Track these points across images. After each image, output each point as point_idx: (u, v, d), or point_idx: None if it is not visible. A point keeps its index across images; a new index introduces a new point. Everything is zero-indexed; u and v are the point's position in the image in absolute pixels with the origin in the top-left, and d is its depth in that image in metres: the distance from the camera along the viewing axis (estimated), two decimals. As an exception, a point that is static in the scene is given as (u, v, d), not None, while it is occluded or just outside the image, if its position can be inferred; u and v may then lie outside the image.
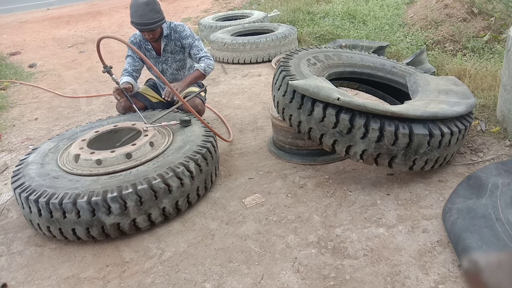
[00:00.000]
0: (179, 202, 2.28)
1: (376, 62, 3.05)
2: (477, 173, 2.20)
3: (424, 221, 2.07)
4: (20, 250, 2.22)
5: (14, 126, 4.01)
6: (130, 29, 8.53)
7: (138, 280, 1.91)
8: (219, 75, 5.04)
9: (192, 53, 3.17)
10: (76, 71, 5.91)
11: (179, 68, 3.30)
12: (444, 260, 1.81)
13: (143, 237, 2.20)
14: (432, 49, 4.60)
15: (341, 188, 2.43)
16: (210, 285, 1.83)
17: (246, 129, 3.43)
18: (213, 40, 5.52)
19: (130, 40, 3.10)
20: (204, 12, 9.22)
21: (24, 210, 2.23)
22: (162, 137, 2.61)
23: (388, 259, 1.85)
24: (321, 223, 2.15)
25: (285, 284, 1.79)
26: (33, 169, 2.36)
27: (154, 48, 3.18)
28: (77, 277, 1.97)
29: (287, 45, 5.38)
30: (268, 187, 2.53)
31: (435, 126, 2.20)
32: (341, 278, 1.79)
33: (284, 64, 2.64)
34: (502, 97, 2.81)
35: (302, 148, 2.79)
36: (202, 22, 6.79)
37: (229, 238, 2.12)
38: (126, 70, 3.16)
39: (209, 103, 4.07)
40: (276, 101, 2.59)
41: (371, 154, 2.22)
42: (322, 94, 2.18)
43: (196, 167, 2.33)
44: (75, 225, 2.10)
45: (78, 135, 2.75)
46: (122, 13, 10.27)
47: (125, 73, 3.14)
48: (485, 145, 2.69)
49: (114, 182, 2.14)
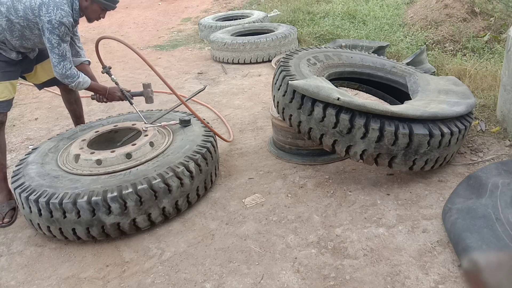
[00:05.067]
0: (179, 202, 2.28)
1: (376, 62, 3.05)
2: (477, 173, 2.20)
3: (424, 221, 2.07)
4: (20, 250, 2.22)
5: (14, 126, 4.01)
6: (130, 29, 8.55)
7: (138, 280, 1.91)
8: (219, 75, 5.04)
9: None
10: (76, 71, 5.90)
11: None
12: (444, 260, 1.81)
13: (143, 237, 2.20)
14: (432, 49, 4.60)
15: (341, 188, 2.43)
16: (210, 285, 1.83)
17: (246, 129, 3.43)
18: (213, 40, 5.52)
19: (67, 20, 2.40)
20: (204, 12, 9.22)
21: (24, 210, 2.23)
22: (162, 137, 2.61)
23: (388, 259, 1.85)
24: (321, 223, 2.15)
25: (285, 284, 1.79)
26: (33, 169, 2.36)
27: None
28: (77, 277, 1.97)
29: (287, 45, 5.39)
30: (268, 187, 2.53)
31: (435, 126, 2.20)
32: (341, 278, 1.79)
33: (284, 64, 2.64)
34: (502, 97, 2.81)
35: (302, 148, 2.79)
36: (202, 22, 6.79)
37: (229, 238, 2.12)
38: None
39: (209, 103, 4.07)
40: (276, 101, 2.59)
41: (371, 154, 2.22)
42: (322, 94, 2.18)
43: (196, 167, 2.33)
44: (75, 225, 2.10)
45: (78, 135, 2.76)
46: (122, 13, 10.26)
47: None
48: (485, 145, 2.69)
49: (114, 182, 2.14)
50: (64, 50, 2.46)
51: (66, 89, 3.05)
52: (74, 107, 3.18)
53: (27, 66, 2.73)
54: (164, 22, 8.93)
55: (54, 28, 2.35)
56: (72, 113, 3.22)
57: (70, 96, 3.10)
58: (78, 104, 3.18)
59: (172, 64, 5.75)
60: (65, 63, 2.48)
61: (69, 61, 2.52)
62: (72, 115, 3.23)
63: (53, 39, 2.38)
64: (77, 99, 3.16)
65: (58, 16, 2.34)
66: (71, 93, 3.09)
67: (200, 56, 6.05)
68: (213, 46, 5.58)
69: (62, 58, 2.47)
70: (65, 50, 2.46)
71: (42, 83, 2.90)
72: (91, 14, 2.58)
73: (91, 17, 2.61)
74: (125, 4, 11.27)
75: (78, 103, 3.17)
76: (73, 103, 3.15)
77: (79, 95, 3.17)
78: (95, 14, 2.59)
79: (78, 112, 3.21)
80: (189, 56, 6.11)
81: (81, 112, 3.24)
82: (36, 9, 2.36)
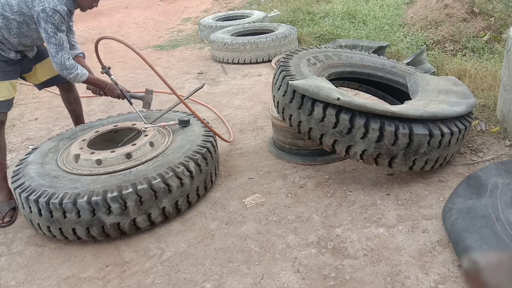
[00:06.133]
0: (179, 202, 2.28)
1: (376, 62, 3.05)
2: (477, 173, 2.20)
3: (424, 221, 2.07)
4: (20, 250, 2.22)
5: (14, 126, 4.01)
6: (130, 29, 8.54)
7: (138, 280, 1.91)
8: (219, 75, 5.04)
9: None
10: (76, 71, 5.90)
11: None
12: (444, 260, 1.81)
13: (143, 237, 2.20)
14: (432, 49, 4.60)
15: (341, 188, 2.43)
16: (210, 285, 1.83)
17: (246, 129, 3.43)
18: (213, 40, 5.52)
19: (61, 8, 2.40)
20: (204, 12, 9.22)
21: (24, 210, 2.23)
22: (162, 137, 2.61)
23: (388, 259, 1.85)
24: (321, 223, 2.15)
25: (285, 284, 1.79)
26: (33, 169, 2.36)
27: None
28: (77, 277, 1.97)
29: (287, 45, 5.38)
30: (268, 187, 2.53)
31: (435, 126, 2.20)
32: (341, 278, 1.79)
33: (284, 64, 2.64)
34: (502, 97, 2.81)
35: (302, 148, 2.79)
36: (202, 22, 6.79)
37: (229, 238, 2.12)
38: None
39: (209, 103, 4.07)
40: (276, 101, 2.59)
41: (371, 154, 2.22)
42: (322, 94, 2.18)
43: (196, 167, 2.33)
44: (75, 225, 2.10)
45: (78, 135, 2.76)
46: (122, 13, 10.27)
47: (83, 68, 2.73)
48: (485, 145, 2.69)
49: (114, 182, 2.14)
50: (61, 39, 2.44)
51: (65, 88, 3.05)
52: (73, 107, 3.18)
53: (26, 65, 2.72)
54: (164, 22, 8.93)
55: (48, 17, 2.34)
56: (72, 113, 3.21)
57: (69, 96, 3.10)
58: (78, 104, 3.18)
59: (172, 64, 5.75)
60: (63, 53, 2.47)
61: (67, 51, 2.51)
62: (71, 114, 3.23)
63: (49, 29, 2.37)
64: (77, 98, 3.16)
65: (52, 4, 2.34)
66: (70, 92, 3.09)
67: (200, 56, 6.05)
68: (213, 46, 5.58)
69: (60, 47, 2.45)
70: (62, 39, 2.45)
71: (41, 83, 2.90)
72: (83, 2, 2.57)
73: (84, 6, 2.60)
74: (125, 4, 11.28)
75: (78, 102, 3.17)
76: (73, 103, 3.14)
77: (78, 95, 3.17)
78: (88, 2, 2.59)
79: (77, 111, 3.21)
80: (189, 56, 6.11)
81: (81, 111, 3.24)
82: (29, 1, 2.36)
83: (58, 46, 2.45)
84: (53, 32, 2.40)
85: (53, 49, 2.45)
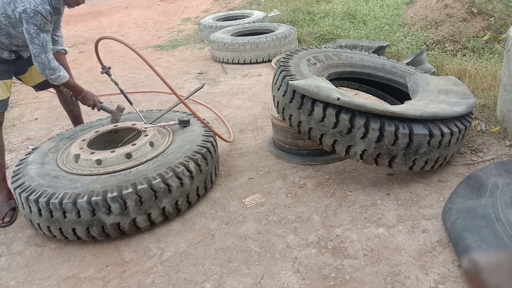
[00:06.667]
0: (179, 202, 2.28)
1: (376, 62, 3.05)
2: (477, 173, 2.20)
3: (424, 221, 2.07)
4: (20, 250, 2.22)
5: (14, 126, 4.01)
6: (130, 29, 8.54)
7: (138, 280, 1.91)
8: (219, 75, 5.04)
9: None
10: (76, 71, 5.90)
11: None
12: (444, 260, 1.81)
13: (143, 237, 2.20)
14: (432, 49, 4.60)
15: (341, 188, 2.43)
16: (210, 285, 1.83)
17: (246, 129, 3.43)
18: (213, 40, 5.52)
19: (43, 8, 2.34)
20: (204, 12, 9.22)
21: (24, 210, 2.23)
22: (162, 137, 2.61)
23: (388, 259, 1.85)
24: (321, 223, 2.15)
25: (285, 284, 1.79)
26: (33, 169, 2.36)
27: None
28: (77, 277, 1.97)
29: (287, 45, 5.39)
30: (268, 187, 2.53)
31: (435, 126, 2.20)
32: (341, 278, 1.79)
33: (284, 64, 2.64)
34: (502, 97, 2.81)
35: (302, 148, 2.79)
36: (202, 22, 6.79)
37: (229, 238, 2.12)
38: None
39: (209, 103, 4.07)
40: (276, 101, 2.59)
41: (371, 154, 2.22)
42: (322, 94, 2.18)
43: (196, 167, 2.33)
44: (75, 225, 2.10)
45: (78, 135, 2.76)
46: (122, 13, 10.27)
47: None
48: (485, 145, 2.69)
49: (114, 182, 2.14)
50: (44, 40, 2.39)
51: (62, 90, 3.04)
52: (71, 107, 3.16)
53: (21, 66, 2.70)
54: (164, 22, 8.93)
55: (30, 18, 2.29)
56: (70, 114, 3.20)
57: (66, 97, 3.09)
58: (75, 104, 3.16)
59: (172, 64, 5.75)
60: (47, 54, 2.43)
61: (51, 52, 2.47)
62: (70, 115, 3.22)
63: (31, 29, 2.33)
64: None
65: (33, 5, 2.29)
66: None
67: (200, 56, 6.05)
68: (213, 46, 5.58)
69: (43, 48, 2.40)
70: (45, 40, 2.40)
71: (37, 84, 2.88)
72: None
73: (70, 3, 2.56)
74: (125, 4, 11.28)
75: (75, 103, 3.15)
76: (70, 103, 3.13)
77: None
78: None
79: (75, 112, 3.20)
80: (189, 56, 6.11)
81: (79, 112, 3.23)
82: (12, 2, 2.32)
83: (41, 47, 2.40)
84: (36, 33, 2.35)
85: (36, 50, 2.40)
